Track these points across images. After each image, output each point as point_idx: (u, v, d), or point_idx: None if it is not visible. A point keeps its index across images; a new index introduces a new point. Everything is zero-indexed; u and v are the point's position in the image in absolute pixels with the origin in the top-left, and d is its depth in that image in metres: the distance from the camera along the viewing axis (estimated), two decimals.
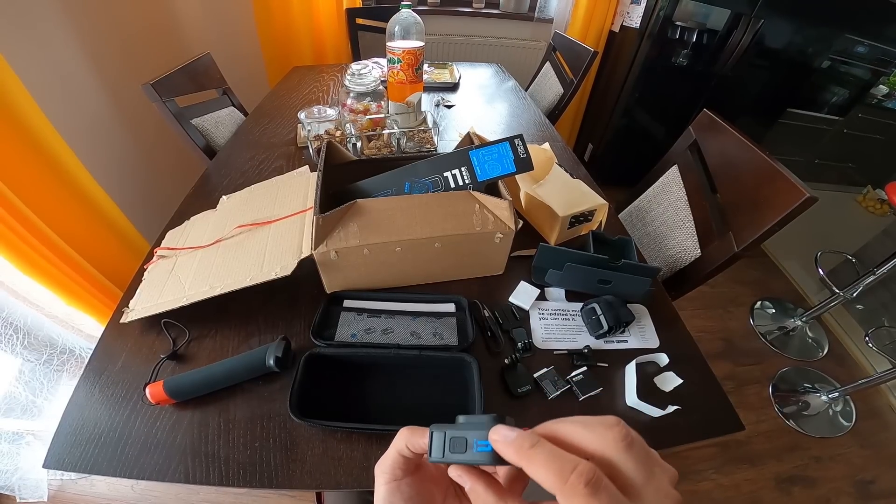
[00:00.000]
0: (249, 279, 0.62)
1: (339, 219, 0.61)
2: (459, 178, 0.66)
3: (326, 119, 1.03)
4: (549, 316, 0.70)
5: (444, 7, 2.31)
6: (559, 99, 1.64)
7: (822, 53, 2.09)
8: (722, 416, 0.59)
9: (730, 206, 0.85)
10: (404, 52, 1.16)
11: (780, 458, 1.42)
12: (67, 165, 1.03)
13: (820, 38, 2.02)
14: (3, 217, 0.86)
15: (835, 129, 2.55)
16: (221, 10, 1.92)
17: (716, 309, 1.93)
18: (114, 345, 0.62)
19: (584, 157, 2.56)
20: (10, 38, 1.04)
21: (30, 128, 0.93)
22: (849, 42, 2.07)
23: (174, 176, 1.68)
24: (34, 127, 0.94)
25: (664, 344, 0.67)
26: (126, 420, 0.53)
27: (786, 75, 2.14)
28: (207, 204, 0.85)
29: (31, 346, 1.18)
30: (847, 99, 2.39)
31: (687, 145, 0.97)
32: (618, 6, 2.15)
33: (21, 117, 0.91)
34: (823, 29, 1.98)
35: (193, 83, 1.27)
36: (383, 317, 0.65)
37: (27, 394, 1.16)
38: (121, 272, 1.16)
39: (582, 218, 0.79)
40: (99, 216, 1.13)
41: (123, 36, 1.54)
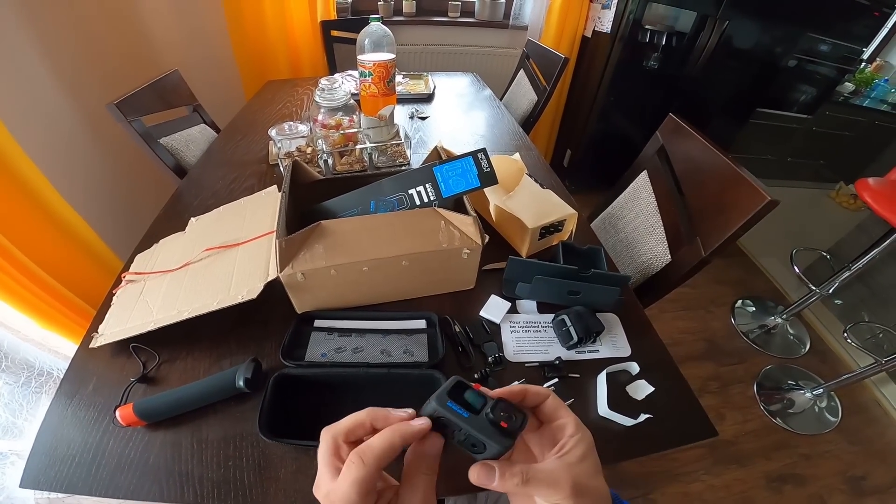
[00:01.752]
0: (217, 303, 0.62)
1: (303, 241, 0.61)
2: (424, 194, 0.66)
3: (298, 135, 1.03)
4: (521, 329, 0.70)
5: (420, 17, 2.32)
6: (533, 107, 1.66)
7: (788, 53, 2.15)
8: (695, 422, 0.60)
9: (697, 211, 0.86)
10: (375, 64, 1.17)
11: (769, 457, 1.43)
12: (37, 187, 1.02)
13: (784, 38, 2.07)
14: None
15: (804, 127, 2.62)
16: (195, 25, 1.91)
17: (697, 310, 1.95)
18: (85, 368, 0.62)
19: (564, 163, 2.59)
20: None
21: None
22: (812, 41, 2.13)
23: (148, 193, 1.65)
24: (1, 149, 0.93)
25: (636, 352, 0.68)
26: (99, 441, 0.54)
27: (754, 75, 2.20)
28: (178, 225, 0.85)
29: (9, 369, 1.17)
30: (814, 97, 2.46)
31: (655, 150, 0.99)
32: (589, 11, 2.18)
33: None
34: (787, 28, 2.04)
35: (162, 101, 1.25)
36: (354, 335, 0.65)
37: (7, 415, 1.15)
38: (95, 293, 1.15)
39: (552, 228, 0.80)
40: (70, 237, 1.12)
41: (94, 53, 1.52)
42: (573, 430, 0.32)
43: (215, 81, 1.91)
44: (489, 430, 0.31)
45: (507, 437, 0.31)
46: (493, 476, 0.30)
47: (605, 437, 0.57)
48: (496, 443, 0.30)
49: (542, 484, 0.29)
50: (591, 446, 0.32)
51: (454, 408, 0.31)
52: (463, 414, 0.31)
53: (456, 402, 0.32)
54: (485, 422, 0.31)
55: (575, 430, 0.32)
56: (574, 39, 2.25)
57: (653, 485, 1.32)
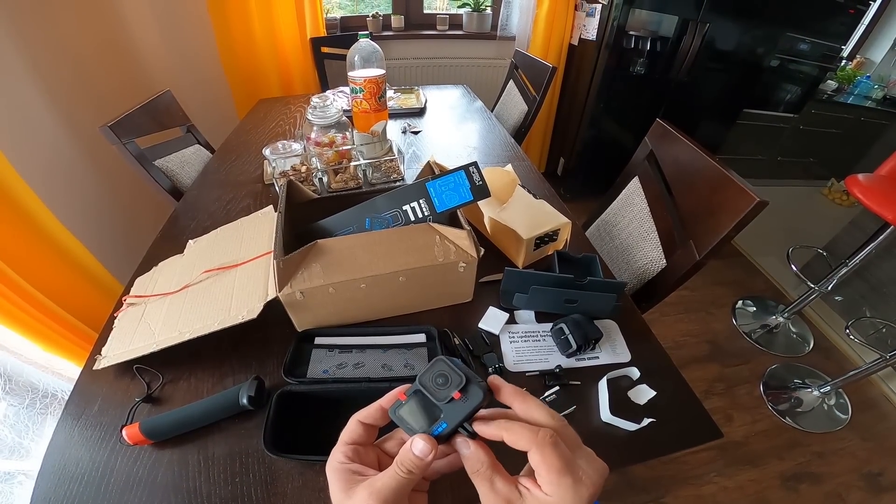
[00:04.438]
0: (217, 323, 0.62)
1: (300, 260, 0.61)
2: (419, 210, 0.67)
3: (292, 154, 1.04)
4: (520, 339, 0.71)
5: (409, 31, 2.36)
6: (524, 116, 1.67)
7: (770, 53, 2.18)
8: (699, 424, 0.60)
9: (688, 215, 0.87)
10: (366, 81, 1.19)
11: (782, 457, 1.42)
12: (35, 213, 1.03)
13: (764, 38, 2.11)
14: None
15: (792, 125, 2.65)
16: (185, 46, 1.93)
17: (698, 312, 1.95)
18: (89, 390, 0.63)
19: (558, 172, 2.61)
20: None
21: None
22: (792, 40, 2.17)
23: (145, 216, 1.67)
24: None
25: (636, 357, 0.68)
26: (107, 460, 0.54)
27: (739, 76, 2.23)
28: (175, 247, 0.85)
29: (13, 392, 1.17)
30: (799, 96, 2.49)
31: (644, 156, 1.01)
32: (574, 20, 2.21)
33: None
34: (766, 29, 2.08)
35: (155, 122, 1.26)
36: (354, 351, 0.66)
37: (13, 436, 1.15)
38: (96, 316, 1.15)
39: (547, 238, 0.81)
40: (69, 262, 1.12)
41: (87, 79, 1.54)
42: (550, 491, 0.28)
43: (207, 101, 1.93)
44: (460, 409, 0.30)
45: (473, 396, 0.30)
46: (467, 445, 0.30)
47: (609, 443, 0.57)
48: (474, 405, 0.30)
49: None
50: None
51: (438, 432, 0.31)
52: (443, 426, 0.30)
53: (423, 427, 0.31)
54: (450, 408, 0.30)
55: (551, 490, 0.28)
56: (561, 48, 2.28)
57: (664, 488, 1.32)
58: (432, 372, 0.31)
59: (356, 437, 0.33)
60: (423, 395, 0.31)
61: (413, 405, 0.31)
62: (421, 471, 0.30)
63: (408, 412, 0.31)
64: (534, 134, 2.52)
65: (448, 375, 0.31)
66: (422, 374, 0.32)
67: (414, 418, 0.31)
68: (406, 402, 0.32)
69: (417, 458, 0.30)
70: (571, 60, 2.32)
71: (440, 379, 0.31)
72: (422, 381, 0.31)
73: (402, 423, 0.31)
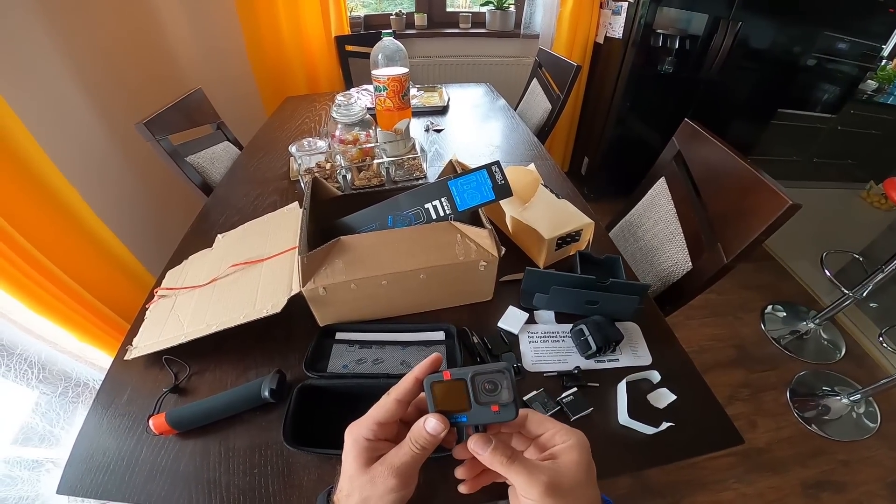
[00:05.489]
0: (243, 317, 0.64)
1: (324, 256, 0.63)
2: (440, 209, 0.68)
3: (317, 151, 1.05)
4: (539, 339, 0.70)
5: (432, 29, 2.36)
6: (548, 115, 1.66)
7: (806, 52, 2.10)
8: (720, 430, 0.59)
9: (717, 217, 0.85)
10: (389, 79, 1.19)
11: (805, 464, 1.38)
12: (74, 206, 1.07)
13: (800, 37, 2.04)
14: (11, 258, 0.89)
15: (829, 126, 2.55)
16: (214, 45, 1.98)
17: (725, 316, 1.90)
18: (120, 379, 0.65)
19: (582, 171, 2.57)
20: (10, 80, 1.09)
21: (32, 169, 0.97)
22: (830, 40, 2.09)
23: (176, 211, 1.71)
24: (36, 168, 0.98)
25: (657, 360, 0.67)
26: (133, 449, 0.56)
27: (773, 76, 2.15)
28: (205, 241, 0.88)
29: (46, 380, 1.21)
30: (837, 96, 2.39)
31: (672, 156, 0.98)
32: (600, 18, 2.18)
33: (23, 157, 0.95)
34: (802, 28, 2.00)
35: (187, 119, 1.30)
36: (374, 347, 0.67)
37: (44, 424, 1.19)
38: (128, 307, 1.19)
39: (569, 238, 0.80)
40: (104, 254, 1.16)
41: (122, 74, 1.59)
42: (562, 438, 0.33)
43: (235, 98, 1.97)
44: (490, 416, 0.32)
45: (506, 412, 0.32)
46: (487, 447, 0.32)
47: (626, 446, 0.57)
48: (502, 421, 0.32)
49: (521, 473, 0.30)
50: (582, 451, 0.32)
51: (454, 419, 0.33)
52: (462, 419, 0.33)
53: (449, 410, 0.33)
54: (481, 412, 0.32)
55: (564, 437, 0.33)
56: (586, 46, 2.25)
57: (681, 493, 1.29)
58: (488, 374, 0.32)
59: (388, 416, 0.34)
60: (465, 385, 0.32)
61: (449, 387, 0.33)
62: (432, 447, 0.33)
63: (441, 389, 0.33)
64: (558, 133, 2.49)
65: (499, 386, 0.32)
66: (477, 369, 0.33)
67: (443, 398, 0.33)
68: (444, 381, 0.33)
69: (431, 435, 0.32)
70: (597, 59, 2.28)
71: (490, 385, 0.32)
72: (474, 375, 0.32)
73: (430, 395, 0.33)
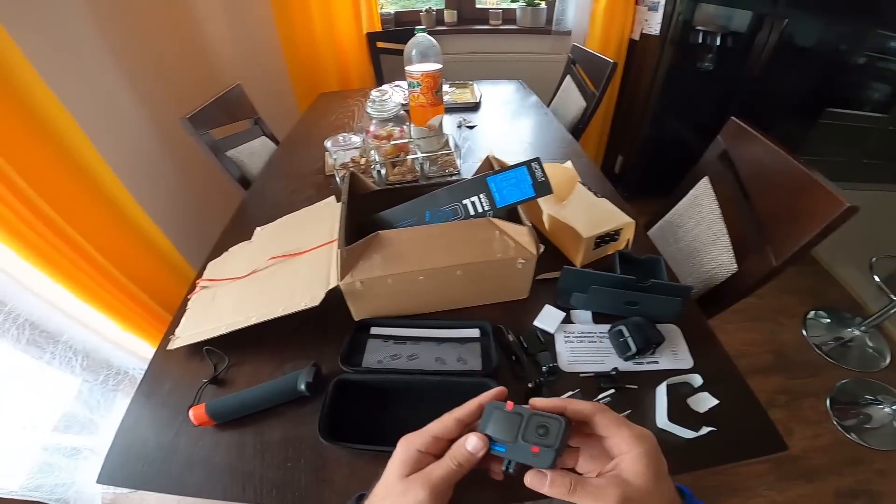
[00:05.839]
0: (282, 309, 0.65)
1: (362, 251, 0.63)
2: (479, 205, 0.67)
3: (352, 146, 1.06)
4: (576, 339, 0.69)
5: (462, 26, 2.35)
6: (582, 113, 1.63)
7: (856, 50, 2.00)
8: (763, 436, 0.57)
9: (766, 219, 0.81)
10: (423, 75, 1.19)
11: (841, 473, 1.34)
12: (120, 199, 1.11)
13: (850, 35, 1.94)
14: (61, 248, 0.93)
15: (880, 126, 2.40)
16: (250, 41, 2.03)
17: (764, 321, 1.83)
18: (162, 369, 0.67)
19: (615, 170, 2.52)
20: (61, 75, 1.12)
21: (84, 163, 1.02)
22: (881, 38, 1.98)
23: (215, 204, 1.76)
24: (87, 163, 1.02)
25: (698, 364, 0.65)
26: (172, 440, 0.57)
27: (820, 74, 2.05)
28: (244, 234, 0.90)
29: (90, 368, 1.26)
30: (889, 95, 2.25)
31: (717, 155, 0.95)
32: (635, 14, 2.13)
33: (73, 152, 0.99)
34: (852, 25, 1.90)
35: (227, 114, 1.33)
36: (409, 343, 0.67)
37: (86, 412, 1.23)
38: (169, 298, 1.23)
39: (608, 238, 0.79)
40: (149, 246, 1.21)
41: (166, 73, 1.64)
42: (627, 447, 0.33)
43: (270, 94, 2.01)
44: (528, 456, 0.33)
45: (543, 458, 0.33)
46: (544, 482, 0.33)
47: (663, 450, 0.55)
48: (535, 465, 0.33)
49: (588, 496, 0.31)
50: (649, 459, 0.32)
51: (493, 448, 0.34)
52: (500, 449, 0.34)
53: (493, 438, 0.34)
54: (521, 448, 0.33)
55: (629, 446, 0.33)
56: (621, 43, 2.20)
57: (709, 499, 1.25)
58: (545, 418, 0.34)
59: (445, 433, 0.36)
60: (520, 421, 0.34)
61: (506, 417, 0.35)
62: (469, 465, 0.34)
63: (497, 417, 0.35)
64: (590, 131, 2.44)
65: (549, 431, 0.33)
66: (539, 413, 0.34)
67: (494, 424, 0.35)
68: (504, 410, 0.35)
69: (469, 452, 0.34)
70: (632, 56, 2.22)
71: (542, 430, 0.34)
72: (532, 415, 0.34)
73: (486, 418, 0.35)
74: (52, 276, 0.94)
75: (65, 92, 0.96)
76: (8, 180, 0.84)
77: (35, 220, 0.89)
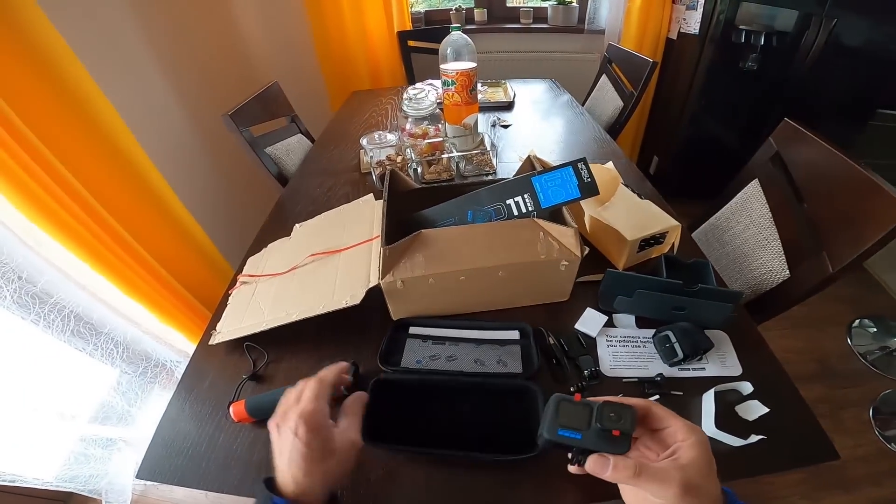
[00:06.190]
0: (322, 307, 0.65)
1: (405, 249, 0.62)
2: (522, 205, 0.66)
3: (387, 144, 1.07)
4: (618, 343, 0.67)
5: (492, 24, 2.34)
6: (619, 112, 1.59)
7: None
8: (813, 443, 0.54)
9: (822, 224, 0.78)
10: (458, 73, 1.18)
11: (880, 483, 1.30)
12: (162, 194, 1.14)
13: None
14: (107, 241, 0.96)
15: None
16: (284, 40, 2.06)
17: (807, 328, 1.78)
18: (203, 364, 0.67)
19: (650, 171, 2.46)
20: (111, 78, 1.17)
21: (127, 157, 1.05)
22: None
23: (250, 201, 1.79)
24: (133, 159, 1.06)
25: (747, 371, 0.62)
26: (211, 436, 0.57)
27: (872, 74, 1.94)
28: (283, 230, 0.90)
29: (129, 360, 1.29)
30: None
31: (768, 157, 0.91)
32: (672, 13, 2.07)
33: (119, 148, 1.02)
34: None
35: (265, 112, 1.35)
36: (447, 343, 0.66)
37: (123, 403, 1.26)
38: (206, 292, 1.26)
39: (652, 241, 0.76)
40: (188, 241, 1.24)
41: (207, 75, 1.68)
42: (684, 435, 0.35)
43: (303, 92, 2.04)
44: (603, 442, 0.34)
45: (621, 443, 0.34)
46: (606, 466, 0.34)
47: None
48: (613, 452, 0.34)
49: (653, 480, 0.32)
50: (703, 448, 0.34)
51: (566, 434, 0.35)
52: (576, 436, 0.35)
53: (565, 427, 0.35)
54: (597, 435, 0.34)
55: (685, 434, 0.35)
56: (657, 42, 2.15)
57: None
58: (617, 407, 0.36)
59: None
60: (590, 410, 0.36)
61: (576, 407, 0.36)
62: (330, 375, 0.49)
63: (566, 408, 0.37)
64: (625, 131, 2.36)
65: (623, 418, 0.35)
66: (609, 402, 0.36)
67: (564, 414, 0.36)
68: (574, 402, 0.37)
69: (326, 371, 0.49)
70: (669, 55, 2.17)
71: (615, 416, 0.35)
72: (605, 403, 0.36)
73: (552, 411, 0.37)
74: (97, 268, 0.97)
75: (112, 90, 0.99)
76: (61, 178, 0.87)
77: (84, 215, 0.92)
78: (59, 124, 0.91)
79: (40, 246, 0.93)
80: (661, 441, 0.36)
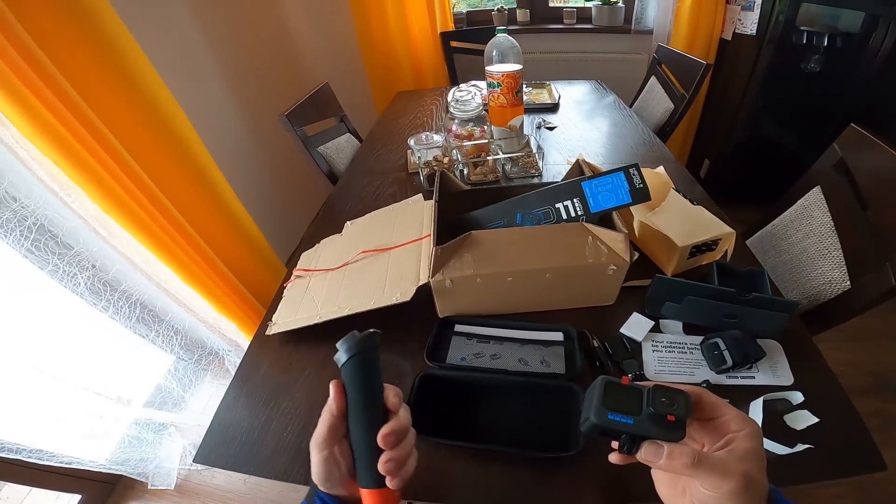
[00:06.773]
0: (373, 302, 0.67)
1: (454, 249, 0.64)
2: (571, 209, 0.66)
3: (434, 145, 1.09)
4: (664, 348, 0.66)
5: (535, 24, 2.32)
6: (669, 115, 1.55)
7: None
8: (860, 454, 0.53)
9: (886, 234, 0.74)
10: (504, 75, 1.18)
11: None
12: (221, 190, 1.21)
13: None
14: (171, 233, 1.03)
15: None
16: (330, 42, 2.14)
17: (864, 341, 1.68)
18: (258, 355, 0.71)
19: (701, 174, 2.38)
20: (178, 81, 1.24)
21: (193, 157, 1.12)
22: None
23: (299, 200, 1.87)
24: (195, 154, 1.12)
25: (799, 381, 0.61)
26: (263, 424, 0.60)
27: None
28: (333, 227, 0.94)
29: (187, 347, 1.37)
30: None
31: (831, 164, 0.87)
32: (726, 13, 1.99)
33: (187, 147, 1.09)
34: None
35: (317, 112, 1.41)
36: (492, 342, 0.68)
37: (179, 389, 1.33)
38: (258, 284, 1.32)
39: (704, 247, 0.75)
40: (242, 234, 1.31)
41: (256, 69, 1.75)
42: (739, 426, 0.32)
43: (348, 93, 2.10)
44: (658, 428, 0.31)
45: (676, 429, 0.31)
46: (660, 454, 0.31)
47: None
48: (667, 439, 0.31)
49: (713, 471, 0.29)
50: (759, 440, 0.32)
51: (616, 418, 0.32)
52: (627, 421, 0.32)
53: (614, 410, 0.32)
54: (650, 420, 0.31)
55: (741, 425, 0.32)
56: (710, 43, 2.07)
57: None
58: (670, 391, 0.33)
59: None
60: (641, 394, 0.33)
61: (625, 390, 0.34)
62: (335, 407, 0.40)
63: (614, 391, 0.34)
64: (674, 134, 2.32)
65: (677, 402, 0.32)
66: (661, 385, 0.33)
67: (613, 397, 0.33)
68: (622, 385, 0.34)
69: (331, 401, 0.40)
70: (722, 56, 2.08)
71: (668, 401, 0.32)
72: (657, 386, 0.33)
73: (596, 393, 0.34)
74: (161, 258, 1.04)
75: (179, 91, 1.06)
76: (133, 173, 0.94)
77: (151, 207, 0.99)
78: (133, 123, 0.98)
79: (112, 236, 1.00)
80: (711, 431, 0.33)
